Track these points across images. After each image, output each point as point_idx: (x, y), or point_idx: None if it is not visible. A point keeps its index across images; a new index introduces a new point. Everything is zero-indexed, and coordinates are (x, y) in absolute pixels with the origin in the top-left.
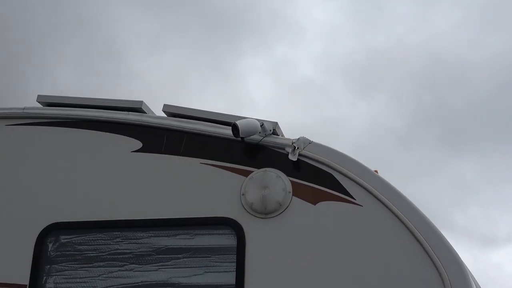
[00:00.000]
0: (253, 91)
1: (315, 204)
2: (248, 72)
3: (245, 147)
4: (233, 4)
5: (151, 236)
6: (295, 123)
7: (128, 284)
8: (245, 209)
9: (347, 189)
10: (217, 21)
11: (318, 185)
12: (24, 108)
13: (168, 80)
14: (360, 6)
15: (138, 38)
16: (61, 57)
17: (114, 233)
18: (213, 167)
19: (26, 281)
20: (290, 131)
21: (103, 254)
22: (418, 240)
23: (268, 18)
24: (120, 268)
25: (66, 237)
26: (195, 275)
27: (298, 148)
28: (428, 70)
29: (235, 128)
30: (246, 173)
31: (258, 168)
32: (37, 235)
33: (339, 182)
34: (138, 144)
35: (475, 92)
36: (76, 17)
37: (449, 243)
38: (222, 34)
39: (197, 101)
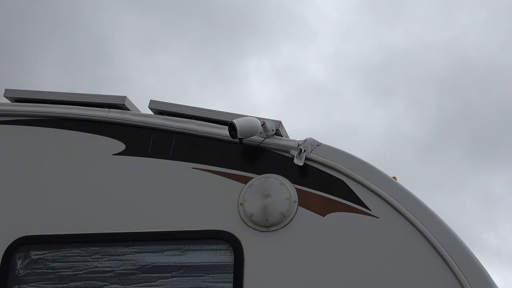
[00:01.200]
0: (257, 95)
1: (324, 216)
2: (251, 74)
3: (243, 150)
4: (235, 0)
5: (136, 252)
6: (304, 130)
7: None
8: (243, 221)
9: (361, 199)
10: (217, 19)
11: (328, 193)
12: None
13: (163, 83)
14: (376, 2)
15: (131, 38)
16: (46, 58)
17: (93, 248)
18: (206, 172)
19: None
20: (297, 138)
21: (80, 272)
22: (442, 257)
23: (274, 15)
24: None
25: (37, 253)
26: None
27: (304, 151)
28: (453, 73)
29: (232, 127)
30: (244, 180)
31: (259, 174)
32: (3, 251)
33: (352, 191)
34: (121, 146)
35: (506, 96)
36: (64, 15)
37: (478, 260)
38: (223, 33)
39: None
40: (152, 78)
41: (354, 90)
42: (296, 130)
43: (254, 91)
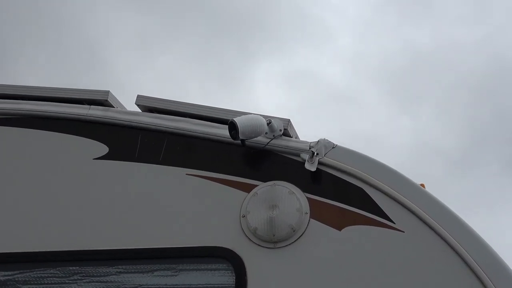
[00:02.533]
0: (266, 102)
1: (340, 230)
2: (260, 79)
3: (246, 153)
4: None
5: (121, 272)
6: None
7: None
8: (246, 236)
9: (384, 210)
10: (222, 19)
11: (345, 203)
12: None
13: (162, 89)
14: None
15: (126, 40)
16: (30, 64)
17: (71, 268)
18: (203, 179)
19: None
20: (309, 139)
21: None
22: (479, 279)
23: (285, 14)
24: None
25: (4, 273)
26: None
27: (317, 154)
28: (487, 76)
29: (233, 127)
30: (247, 188)
31: (264, 181)
32: None
33: (373, 200)
34: (103, 149)
35: None
36: (54, 17)
37: None
38: (229, 34)
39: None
40: (150, 84)
41: (375, 96)
42: (311, 140)
43: (263, 98)
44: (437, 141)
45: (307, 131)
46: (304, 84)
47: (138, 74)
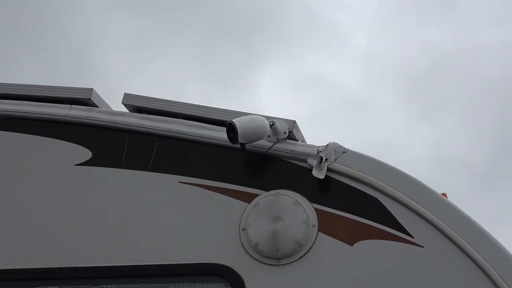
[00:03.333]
0: (273, 109)
1: (352, 245)
2: (266, 84)
3: (246, 159)
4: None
5: None
6: None
7: None
8: (246, 251)
9: (401, 222)
10: (224, 18)
11: (357, 215)
12: None
13: (159, 95)
14: None
15: (122, 42)
16: (18, 69)
17: None
18: (198, 188)
19: None
20: (317, 143)
21: None
22: None
23: (294, 14)
24: None
25: None
26: None
27: (326, 159)
28: None
29: (231, 129)
30: (248, 198)
31: (267, 190)
32: None
33: (388, 212)
34: (86, 154)
35: None
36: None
37: None
38: (231, 35)
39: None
40: (147, 89)
41: (392, 102)
42: (319, 144)
43: (270, 104)
44: (461, 152)
45: (316, 140)
46: (314, 90)
47: (132, 79)
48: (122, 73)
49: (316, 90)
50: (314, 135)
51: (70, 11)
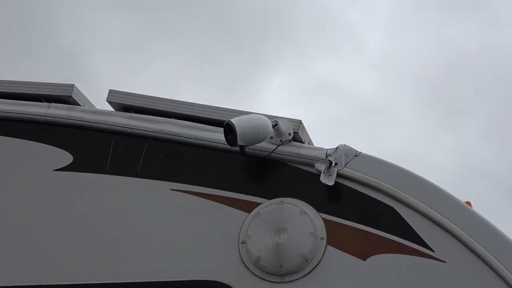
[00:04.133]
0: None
1: (365, 259)
2: (273, 90)
3: (246, 163)
4: None
5: None
6: None
7: None
8: (246, 267)
9: (420, 234)
10: (226, 17)
11: (371, 226)
12: None
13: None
14: None
15: (113, 44)
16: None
17: None
18: (192, 196)
19: None
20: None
21: None
22: None
23: (303, 13)
24: None
25: None
26: None
27: (336, 164)
28: None
29: (229, 130)
30: (248, 207)
31: (269, 198)
32: None
33: (406, 222)
34: (66, 158)
35: None
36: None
37: None
38: (234, 37)
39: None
40: (144, 93)
41: (410, 108)
42: (327, 146)
43: (277, 112)
44: (486, 162)
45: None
46: (325, 95)
47: (127, 83)
48: (115, 76)
49: (327, 96)
50: (325, 143)
51: (56, 9)
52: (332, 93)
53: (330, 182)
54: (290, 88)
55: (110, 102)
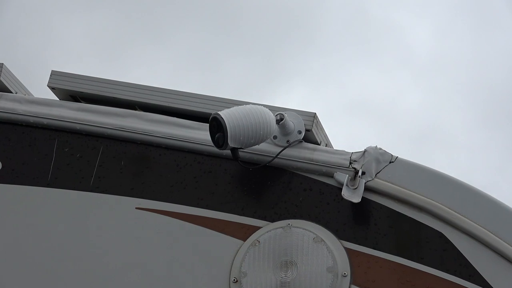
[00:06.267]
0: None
1: None
2: (293, 103)
3: (241, 172)
4: None
5: None
6: None
7: None
8: None
9: (479, 270)
10: (229, 16)
11: (412, 259)
12: None
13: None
14: None
15: (100, 46)
16: None
17: None
18: (165, 217)
19: None
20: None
21: None
22: None
23: (334, 14)
24: None
25: None
26: None
27: (364, 173)
28: None
29: (217, 126)
30: (243, 233)
31: (272, 220)
32: None
33: (459, 253)
34: None
35: None
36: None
37: None
38: (240, 36)
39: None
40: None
41: (467, 125)
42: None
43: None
44: None
45: None
46: (359, 108)
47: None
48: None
49: (362, 109)
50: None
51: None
52: (369, 111)
53: (356, 199)
54: (314, 105)
55: (52, 88)
